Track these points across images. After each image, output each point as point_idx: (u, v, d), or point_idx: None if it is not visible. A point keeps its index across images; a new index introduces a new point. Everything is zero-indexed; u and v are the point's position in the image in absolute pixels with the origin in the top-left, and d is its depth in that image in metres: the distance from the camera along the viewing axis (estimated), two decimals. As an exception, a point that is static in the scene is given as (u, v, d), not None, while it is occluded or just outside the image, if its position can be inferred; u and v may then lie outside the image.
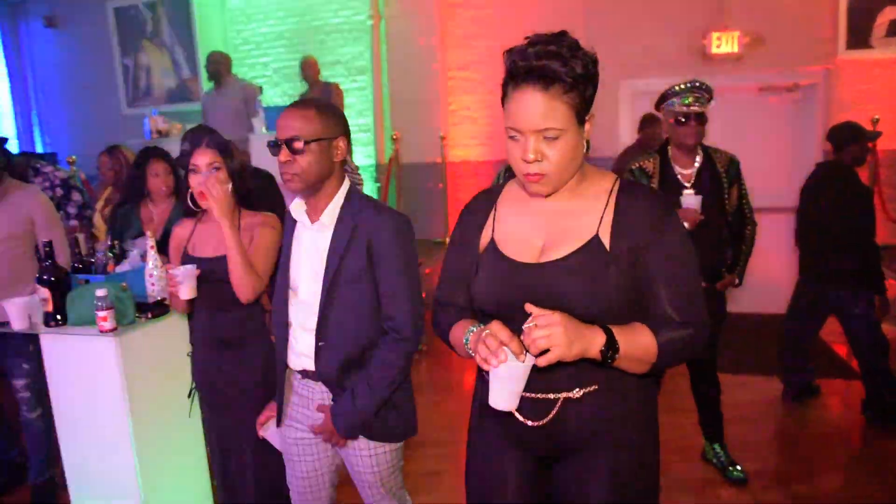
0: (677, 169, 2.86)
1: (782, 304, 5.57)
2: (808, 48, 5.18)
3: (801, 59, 5.20)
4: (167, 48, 6.63)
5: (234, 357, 2.21)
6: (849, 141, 3.51)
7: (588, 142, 1.37)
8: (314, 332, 1.81)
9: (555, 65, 1.25)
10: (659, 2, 5.40)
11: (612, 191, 1.37)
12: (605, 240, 1.32)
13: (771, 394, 3.89)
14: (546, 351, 1.20)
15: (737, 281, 2.86)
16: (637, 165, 2.92)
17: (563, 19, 5.69)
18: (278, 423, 1.96)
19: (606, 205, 1.35)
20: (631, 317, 1.33)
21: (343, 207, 1.82)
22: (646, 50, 5.43)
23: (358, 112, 6.43)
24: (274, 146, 1.76)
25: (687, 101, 2.73)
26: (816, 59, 5.18)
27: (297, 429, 1.91)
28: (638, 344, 1.28)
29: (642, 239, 1.31)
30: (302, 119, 1.73)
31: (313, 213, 1.84)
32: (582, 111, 1.30)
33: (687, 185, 2.83)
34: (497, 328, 1.24)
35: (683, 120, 2.73)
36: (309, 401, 1.88)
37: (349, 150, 1.84)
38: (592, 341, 1.24)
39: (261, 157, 4.47)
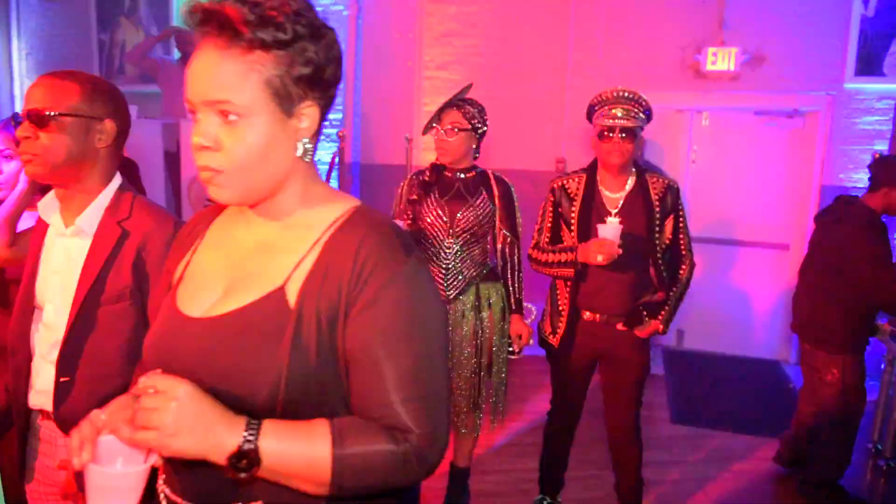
0: (603, 192, 2.44)
1: (778, 350, 5.11)
2: (812, 72, 4.68)
3: (803, 83, 4.70)
4: (143, 27, 6.37)
5: None
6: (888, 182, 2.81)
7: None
8: (56, 364, 1.45)
9: (245, 11, 0.86)
10: (652, 11, 4.93)
11: (333, 224, 0.96)
12: (293, 293, 0.91)
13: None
14: None
15: (661, 328, 2.41)
16: (560, 184, 2.51)
17: (550, 25, 5.34)
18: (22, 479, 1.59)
19: (315, 243, 0.95)
20: (337, 409, 0.93)
21: (108, 210, 1.46)
22: (635, 61, 4.98)
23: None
24: (16, 120, 1.42)
25: (612, 113, 2.32)
26: (821, 84, 4.67)
27: (45, 488, 1.54)
28: (301, 453, 0.86)
29: (345, 298, 0.90)
30: (56, 89, 1.39)
31: (68, 215, 1.49)
32: (293, 93, 0.91)
33: (612, 211, 2.41)
34: (96, 413, 0.87)
35: (608, 134, 2.31)
36: (55, 450, 1.52)
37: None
38: (221, 439, 0.83)
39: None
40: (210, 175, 0.91)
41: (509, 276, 2.58)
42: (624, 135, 2.30)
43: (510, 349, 2.65)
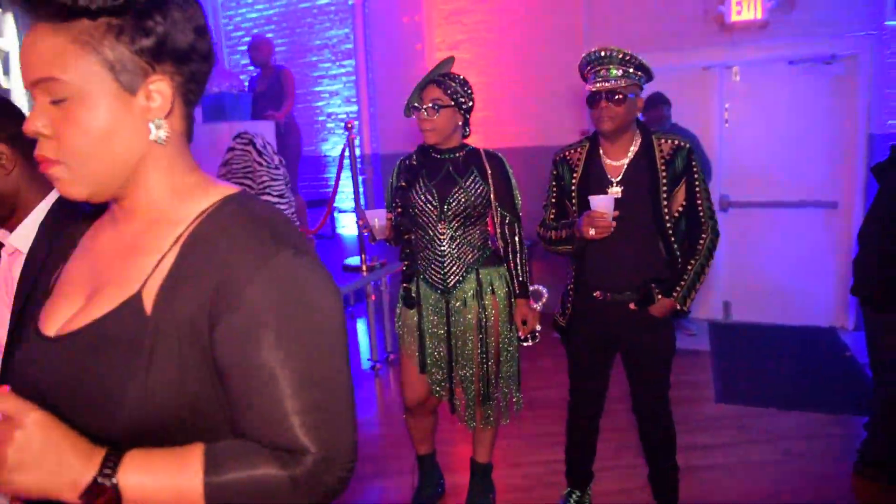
0: (605, 160, 2.24)
1: (825, 317, 4.76)
2: (848, 12, 4.29)
3: (839, 25, 4.31)
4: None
5: None
6: None
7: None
8: None
9: None
10: (669, -37, 4.63)
11: (199, 217, 0.82)
12: (149, 300, 0.78)
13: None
14: None
15: (678, 307, 2.19)
16: (561, 156, 2.33)
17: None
18: None
19: (177, 240, 0.81)
20: (219, 431, 0.80)
21: (45, 225, 1.36)
22: (653, 19, 4.68)
23: (345, 100, 5.98)
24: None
25: (593, 77, 2.13)
26: (859, 24, 4.28)
27: None
28: (169, 485, 0.73)
29: (207, 302, 0.76)
30: None
31: (5, 234, 1.40)
32: (135, 66, 0.78)
33: (614, 180, 2.20)
34: None
35: (592, 99, 2.12)
36: None
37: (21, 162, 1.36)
38: (74, 475, 0.71)
39: (204, 149, 4.09)
40: (48, 167, 0.79)
41: (511, 258, 2.40)
42: (611, 98, 2.09)
43: (519, 336, 2.48)
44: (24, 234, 1.35)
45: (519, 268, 2.40)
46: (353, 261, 4.40)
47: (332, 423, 0.79)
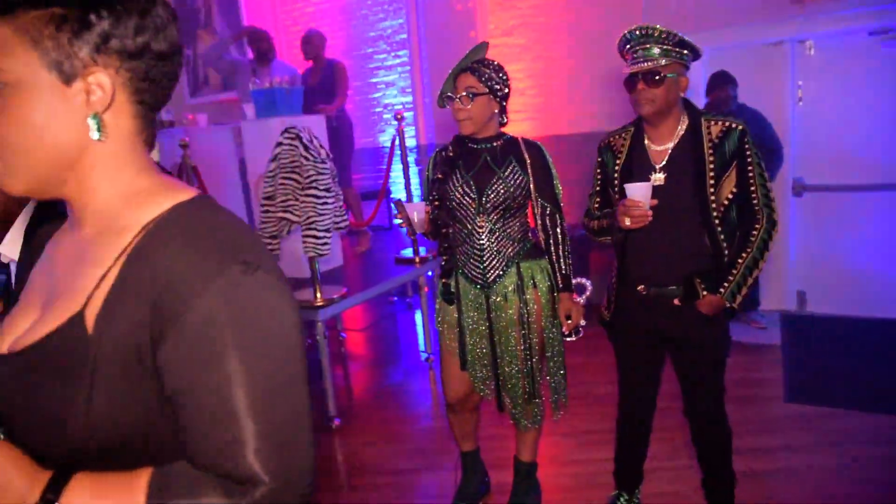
0: (649, 145, 2.11)
1: None
2: (940, -26, 3.91)
3: (930, -11, 3.93)
4: (219, 37, 6.57)
5: None
6: None
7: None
8: None
9: None
10: (734, -68, 4.34)
11: (146, 227, 0.78)
12: (91, 319, 0.75)
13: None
14: None
15: (727, 304, 2.03)
16: (606, 142, 2.23)
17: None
18: None
19: (122, 253, 0.77)
20: (169, 456, 0.77)
21: (27, 231, 1.33)
22: (716, -5, 4.42)
23: (400, 90, 5.96)
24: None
25: (629, 59, 2.01)
26: (954, -13, 3.89)
27: None
28: None
29: (150, 320, 0.73)
30: None
31: None
32: (72, 58, 0.75)
33: (657, 166, 2.07)
34: None
35: (628, 82, 2.00)
36: None
37: None
38: (18, 497, 0.70)
39: (255, 144, 4.17)
40: None
41: (552, 250, 2.30)
42: (648, 80, 1.95)
43: (563, 331, 2.39)
44: (12, 241, 1.32)
45: (561, 260, 2.30)
46: (407, 252, 4.38)
47: (286, 450, 0.75)
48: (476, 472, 2.70)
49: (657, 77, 1.94)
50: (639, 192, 1.90)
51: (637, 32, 1.96)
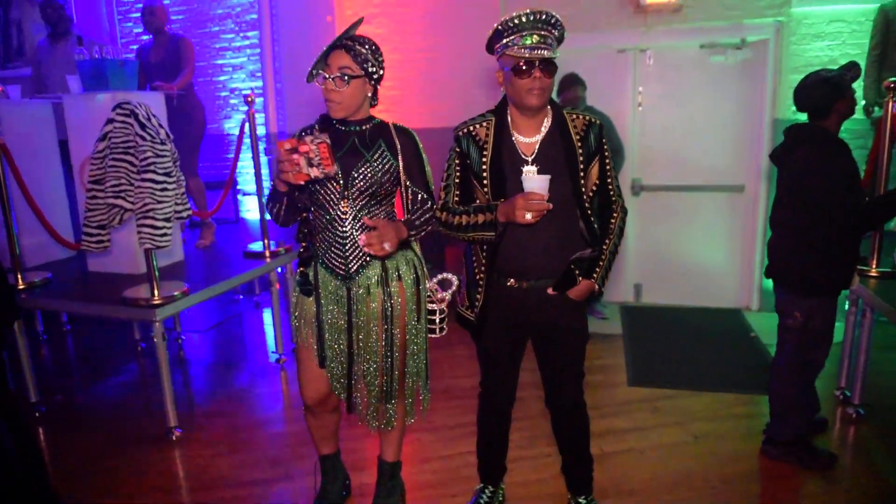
0: (517, 137, 2.08)
1: (732, 299, 4.87)
2: (757, -3, 4.36)
3: (749, 10, 4.37)
4: (37, 3, 5.78)
5: None
6: (836, 99, 2.52)
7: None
8: None
9: None
10: (583, -59, 4.55)
11: None
12: None
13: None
14: None
15: (596, 287, 2.08)
16: (465, 131, 2.13)
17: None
18: None
19: None
20: None
21: None
22: (569, 1, 4.60)
23: (249, 74, 5.61)
24: None
25: (529, 42, 1.93)
26: (767, 10, 4.35)
27: None
28: None
29: None
30: None
31: None
32: None
33: (528, 158, 2.05)
34: None
35: (524, 68, 1.93)
36: None
37: None
38: None
39: (81, 122, 3.68)
40: None
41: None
42: (545, 69, 1.93)
43: (430, 327, 2.31)
44: None
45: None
46: (256, 246, 4.10)
47: None
48: (337, 476, 2.54)
49: (552, 66, 1.92)
50: (538, 184, 1.86)
51: (541, 17, 1.91)
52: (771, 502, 2.59)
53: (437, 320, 2.32)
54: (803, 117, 2.64)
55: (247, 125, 3.93)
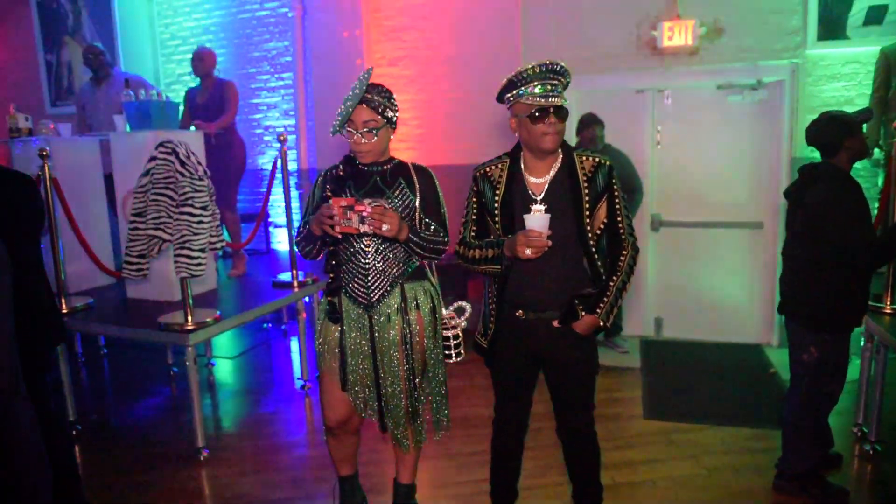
0: (528, 177, 2.22)
1: (752, 334, 4.88)
2: (773, 40, 4.48)
3: (765, 52, 4.50)
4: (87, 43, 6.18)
5: None
6: (844, 136, 2.63)
7: None
8: None
9: None
10: (603, -12, 4.75)
11: None
12: None
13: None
14: None
15: (601, 323, 2.18)
16: (482, 172, 2.29)
17: (499, 11, 5.12)
18: None
19: None
20: None
21: None
22: (589, 42, 4.78)
23: (283, 112, 5.88)
24: None
25: (540, 91, 2.08)
26: (783, 52, 4.47)
27: None
28: None
29: None
30: None
31: None
32: None
33: (537, 197, 2.19)
34: None
35: (539, 114, 2.08)
36: None
37: None
38: None
39: (126, 158, 3.94)
40: None
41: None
42: (559, 114, 2.08)
43: (447, 352, 2.44)
44: None
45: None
46: (285, 277, 4.28)
47: None
48: (354, 497, 2.65)
49: (564, 111, 2.07)
50: (539, 223, 2.00)
51: (553, 67, 2.07)
52: (781, 536, 2.62)
53: (453, 346, 2.45)
54: (819, 156, 2.74)
55: (279, 161, 4.14)
